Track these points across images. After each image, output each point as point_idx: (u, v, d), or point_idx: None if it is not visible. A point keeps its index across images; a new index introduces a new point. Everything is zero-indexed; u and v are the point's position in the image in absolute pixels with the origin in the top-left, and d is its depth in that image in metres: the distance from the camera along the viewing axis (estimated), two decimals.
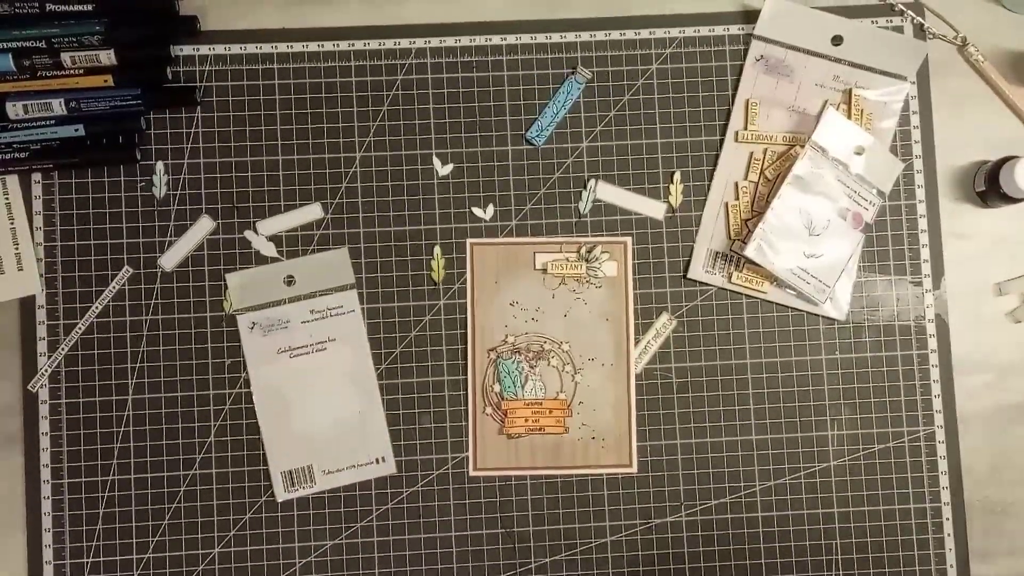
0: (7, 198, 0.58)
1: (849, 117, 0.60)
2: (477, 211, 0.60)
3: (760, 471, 0.59)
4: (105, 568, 0.57)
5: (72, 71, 0.58)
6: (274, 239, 0.59)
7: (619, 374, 0.59)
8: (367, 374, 0.58)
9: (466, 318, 0.59)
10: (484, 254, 0.59)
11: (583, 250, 0.59)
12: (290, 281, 0.59)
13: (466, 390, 0.59)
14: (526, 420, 0.58)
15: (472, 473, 0.58)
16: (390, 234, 0.59)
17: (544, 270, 0.59)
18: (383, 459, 0.58)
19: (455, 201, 0.60)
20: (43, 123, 0.58)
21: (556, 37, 0.61)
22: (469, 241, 0.59)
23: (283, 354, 0.58)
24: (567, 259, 0.59)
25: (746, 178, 0.60)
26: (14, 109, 0.57)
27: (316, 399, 0.58)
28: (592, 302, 0.59)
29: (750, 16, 0.61)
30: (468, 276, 0.59)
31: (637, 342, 0.59)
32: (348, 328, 0.59)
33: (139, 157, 0.59)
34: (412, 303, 0.59)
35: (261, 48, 0.60)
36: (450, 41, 0.60)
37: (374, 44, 0.60)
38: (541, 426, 0.58)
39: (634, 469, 0.58)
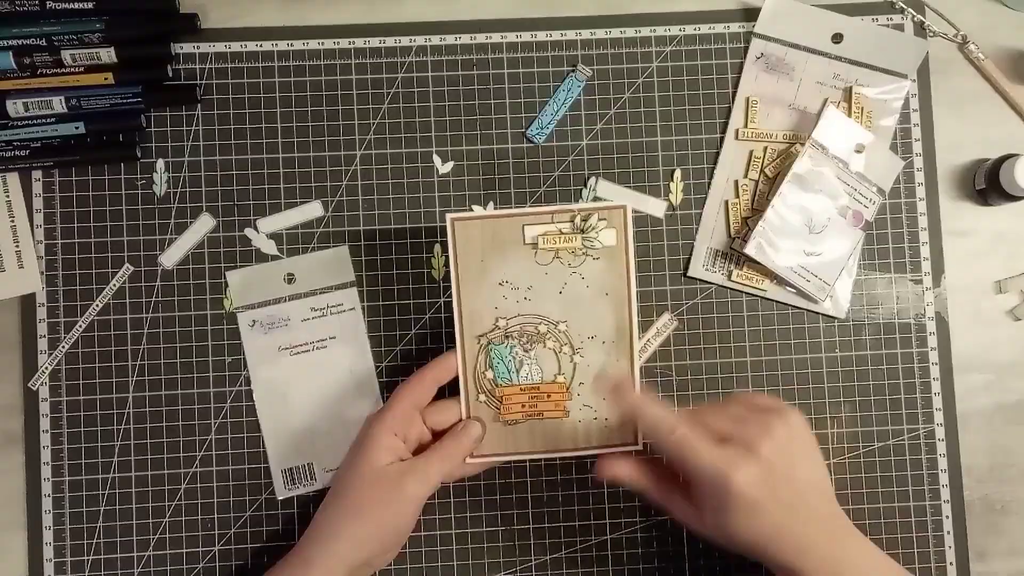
0: (7, 196, 0.58)
1: (849, 115, 0.60)
2: (478, 209, 0.60)
3: None
4: (106, 565, 0.57)
5: (72, 69, 0.58)
6: (274, 237, 0.59)
7: (622, 350, 0.54)
8: (367, 372, 0.59)
9: (451, 299, 0.54)
10: (467, 230, 0.53)
11: (578, 219, 0.53)
12: (290, 279, 0.59)
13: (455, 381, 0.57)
14: (523, 406, 0.54)
15: (470, 460, 0.54)
16: (390, 232, 0.59)
17: (534, 245, 0.53)
18: None
19: (455, 199, 0.60)
20: (44, 121, 0.58)
21: (556, 35, 0.61)
22: (449, 216, 0.53)
23: (284, 352, 0.58)
24: (560, 231, 0.53)
25: (746, 176, 0.60)
26: (15, 107, 0.57)
27: (317, 397, 0.58)
28: (590, 276, 0.54)
29: (750, 14, 0.61)
30: (451, 256, 0.53)
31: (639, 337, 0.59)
32: (348, 326, 0.59)
33: (139, 155, 0.59)
34: (412, 301, 0.59)
35: (262, 46, 0.60)
36: (450, 39, 0.60)
37: (374, 42, 0.60)
38: (539, 411, 0.54)
39: (640, 446, 0.54)
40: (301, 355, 0.58)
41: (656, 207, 0.60)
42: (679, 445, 0.47)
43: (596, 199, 0.60)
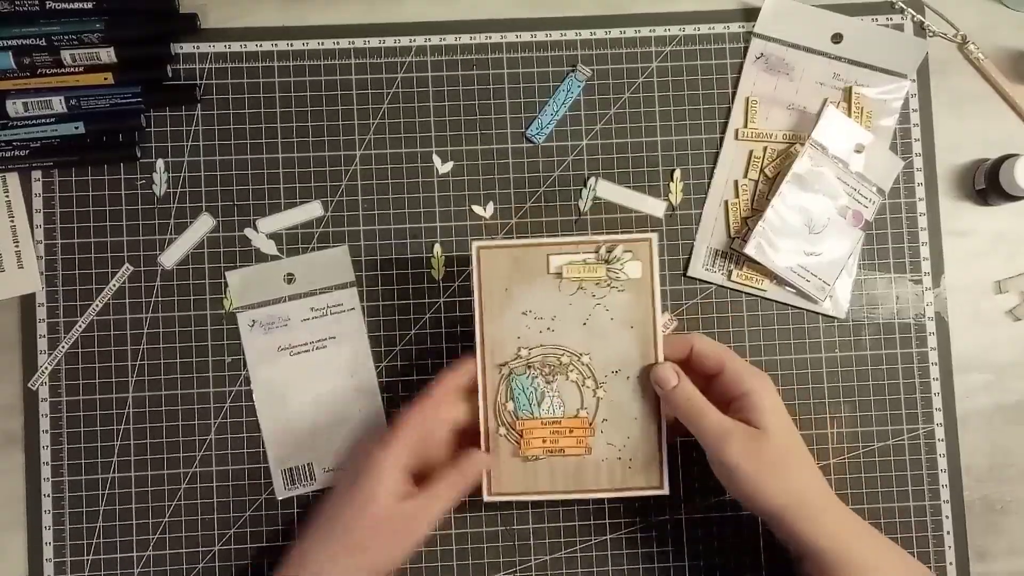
0: (7, 196, 0.58)
1: (849, 115, 0.60)
2: (477, 209, 0.60)
3: None
4: (106, 565, 0.57)
5: (72, 69, 0.58)
6: (274, 237, 0.59)
7: (646, 386, 0.52)
8: (367, 372, 0.58)
9: (473, 328, 0.54)
10: (493, 259, 0.52)
11: (603, 250, 0.53)
12: (290, 279, 0.59)
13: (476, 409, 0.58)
14: (544, 441, 0.52)
15: (487, 499, 0.53)
16: (390, 232, 0.59)
17: (559, 275, 0.52)
18: None
19: (455, 199, 0.60)
20: (43, 121, 0.58)
21: (556, 35, 0.61)
22: (477, 245, 0.52)
23: (283, 352, 0.58)
24: (584, 261, 0.53)
25: (746, 176, 0.60)
26: (14, 107, 0.57)
27: (317, 397, 0.58)
28: (614, 308, 0.52)
29: (750, 14, 0.61)
30: (476, 284, 0.52)
31: None
32: (348, 326, 0.59)
33: (139, 155, 0.59)
34: (412, 301, 0.59)
35: (261, 46, 0.60)
36: (450, 39, 0.60)
37: (374, 42, 0.60)
38: (561, 447, 0.52)
39: (665, 490, 0.52)
40: (301, 355, 0.58)
41: (656, 207, 0.60)
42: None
43: (596, 200, 0.60)
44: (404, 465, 0.50)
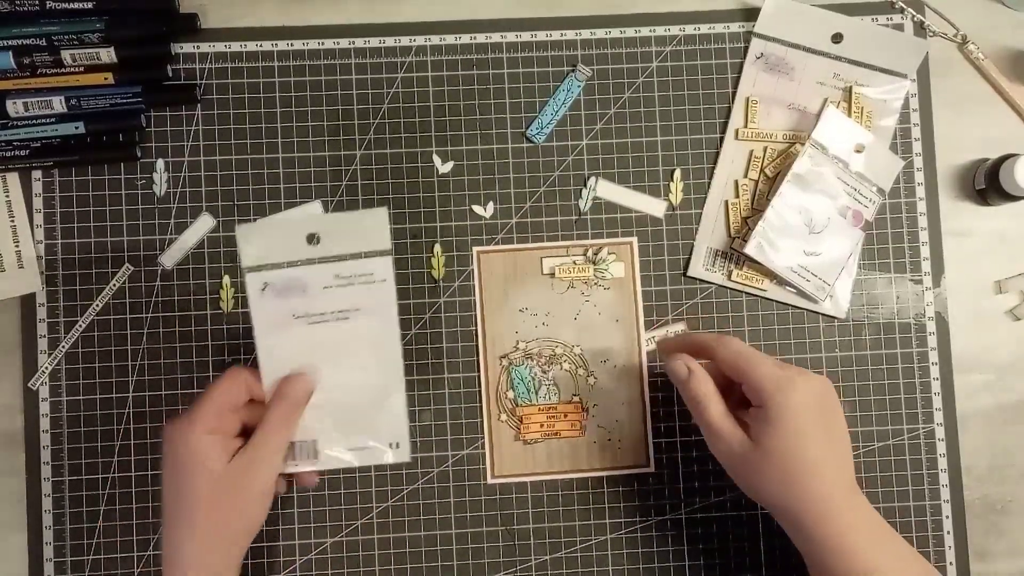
0: (7, 196, 0.58)
1: (849, 115, 0.60)
2: (477, 209, 0.60)
3: None
4: (106, 566, 0.57)
5: (72, 69, 0.58)
6: None
7: (631, 374, 0.59)
8: (393, 349, 0.51)
9: (474, 325, 0.59)
10: (491, 262, 0.59)
11: (589, 253, 0.59)
12: (313, 239, 0.51)
13: (479, 401, 0.58)
14: (541, 425, 0.58)
15: (490, 481, 0.58)
16: (390, 232, 0.59)
17: (552, 275, 0.59)
18: (398, 445, 0.52)
19: (455, 199, 0.60)
20: (43, 121, 0.58)
21: (556, 35, 0.61)
22: (476, 250, 0.59)
23: (300, 320, 0.51)
24: (574, 262, 0.59)
25: (746, 176, 0.60)
26: (14, 107, 0.57)
27: (333, 372, 0.52)
28: (601, 304, 0.59)
29: (750, 14, 0.61)
30: (476, 284, 0.59)
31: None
32: (377, 298, 0.51)
33: (139, 155, 0.59)
34: (412, 301, 0.59)
35: (262, 46, 0.60)
36: (450, 39, 0.60)
37: (374, 42, 0.60)
38: (557, 430, 0.58)
39: (652, 468, 0.58)
40: (319, 326, 0.51)
41: (656, 207, 0.60)
42: (740, 355, 0.49)
43: (596, 199, 0.60)
44: (214, 428, 0.47)
